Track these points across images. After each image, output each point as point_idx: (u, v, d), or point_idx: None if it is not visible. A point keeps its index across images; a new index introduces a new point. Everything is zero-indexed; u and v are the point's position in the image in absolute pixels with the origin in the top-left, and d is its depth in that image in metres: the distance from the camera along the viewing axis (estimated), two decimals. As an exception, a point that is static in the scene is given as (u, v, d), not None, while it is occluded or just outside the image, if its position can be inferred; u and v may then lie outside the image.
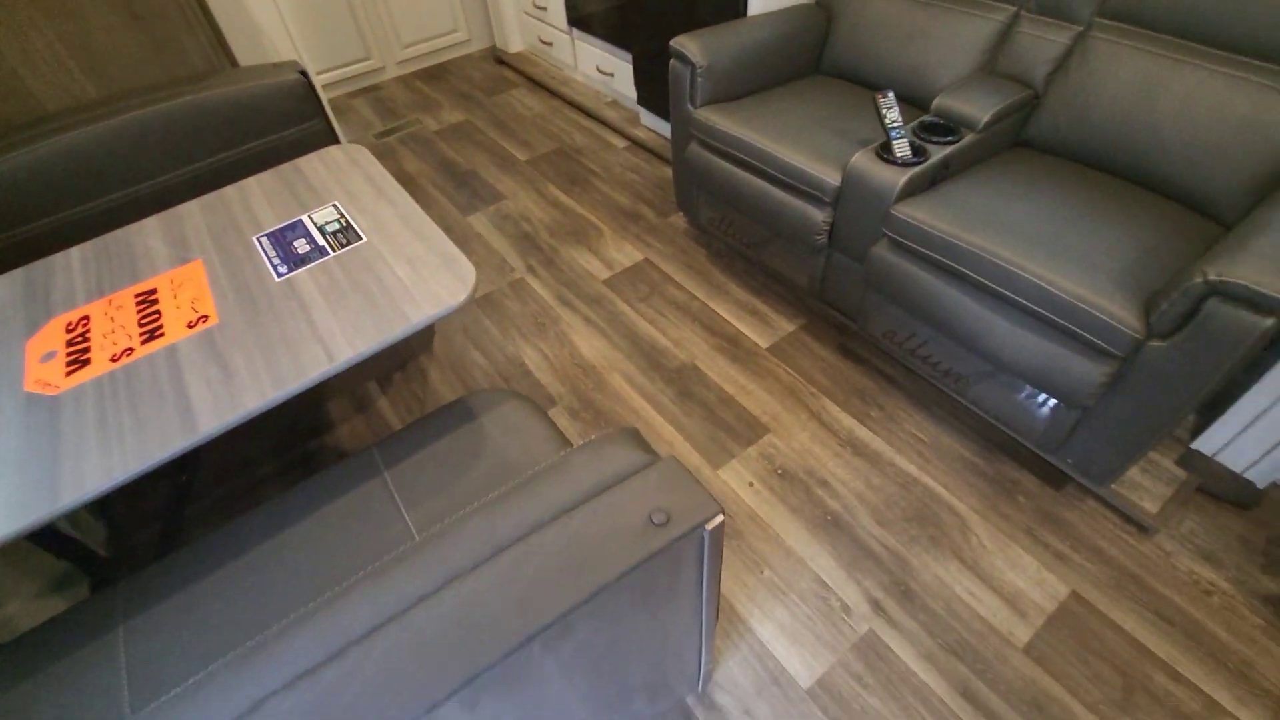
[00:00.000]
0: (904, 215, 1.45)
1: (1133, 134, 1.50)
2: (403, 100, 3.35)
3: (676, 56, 1.85)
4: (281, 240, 1.20)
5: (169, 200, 1.60)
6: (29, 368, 1.02)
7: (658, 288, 2.09)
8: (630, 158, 2.73)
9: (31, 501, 0.83)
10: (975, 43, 1.74)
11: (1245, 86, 1.36)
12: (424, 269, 1.10)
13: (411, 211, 1.24)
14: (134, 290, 1.14)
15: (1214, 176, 1.40)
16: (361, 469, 1.09)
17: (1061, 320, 1.26)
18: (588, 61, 3.11)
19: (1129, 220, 1.39)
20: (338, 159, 1.42)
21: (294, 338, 1.00)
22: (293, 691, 0.54)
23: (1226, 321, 1.07)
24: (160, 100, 1.53)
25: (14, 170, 1.42)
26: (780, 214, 1.75)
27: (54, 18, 1.49)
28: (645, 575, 0.67)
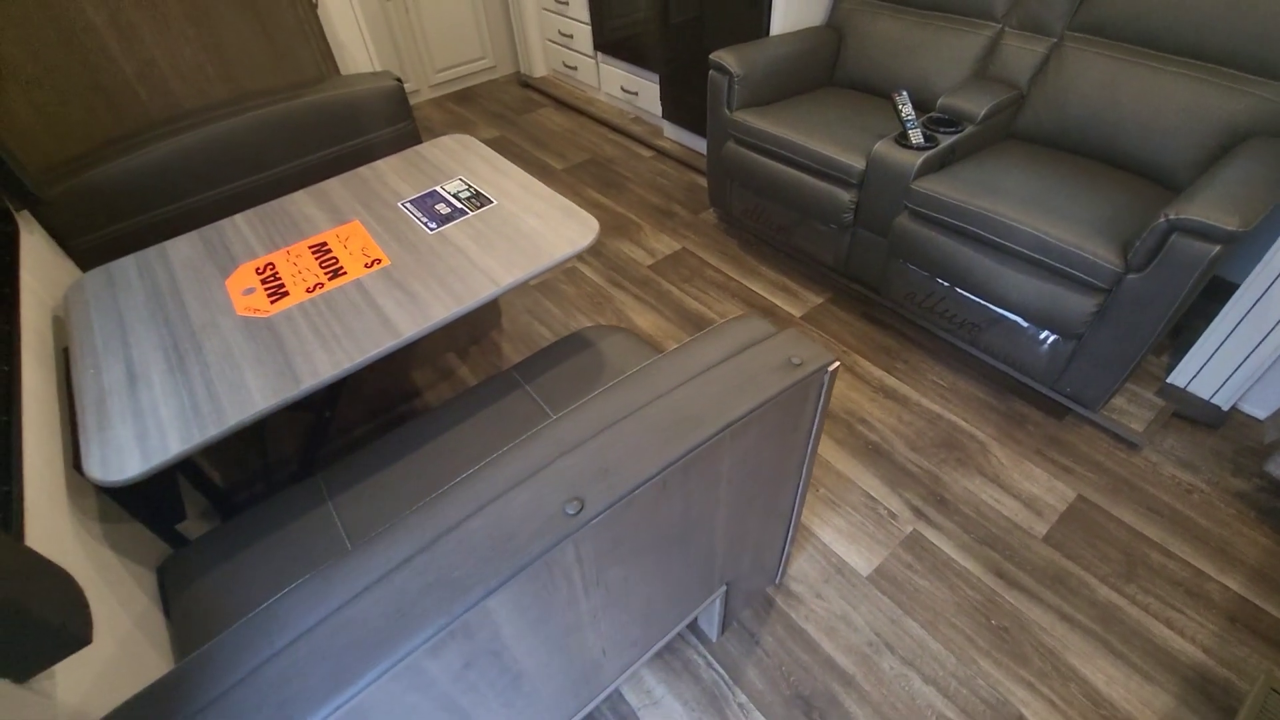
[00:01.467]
0: (923, 189, 1.74)
1: (1101, 123, 1.82)
2: (438, 119, 3.63)
3: (716, 68, 2.16)
4: (424, 204, 1.44)
5: (287, 186, 1.84)
6: (235, 299, 1.24)
7: (698, 271, 2.35)
8: (658, 165, 3.02)
9: (280, 385, 1.05)
10: (969, 53, 2.07)
11: (1187, 81, 1.69)
12: (551, 220, 1.35)
13: (528, 180, 1.49)
14: (306, 243, 1.37)
15: (1168, 153, 1.72)
16: (506, 384, 1.32)
17: (1056, 263, 1.54)
18: (612, 82, 3.43)
19: (1103, 188, 1.70)
20: (451, 145, 1.67)
21: (460, 270, 1.24)
22: (479, 516, 0.70)
23: (1185, 251, 1.36)
24: (284, 100, 1.78)
25: (162, 157, 1.66)
26: (811, 197, 2.04)
27: (200, 28, 1.74)
28: (787, 402, 0.91)
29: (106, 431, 1.00)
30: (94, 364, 1.12)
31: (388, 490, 1.15)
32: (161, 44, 1.72)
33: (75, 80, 1.66)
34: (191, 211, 1.71)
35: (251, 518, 1.14)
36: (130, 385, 1.07)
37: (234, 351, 1.12)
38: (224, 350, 1.12)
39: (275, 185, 1.83)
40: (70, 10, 1.59)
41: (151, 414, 1.02)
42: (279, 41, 1.86)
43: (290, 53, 1.89)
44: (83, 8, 1.61)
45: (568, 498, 0.73)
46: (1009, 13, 2.02)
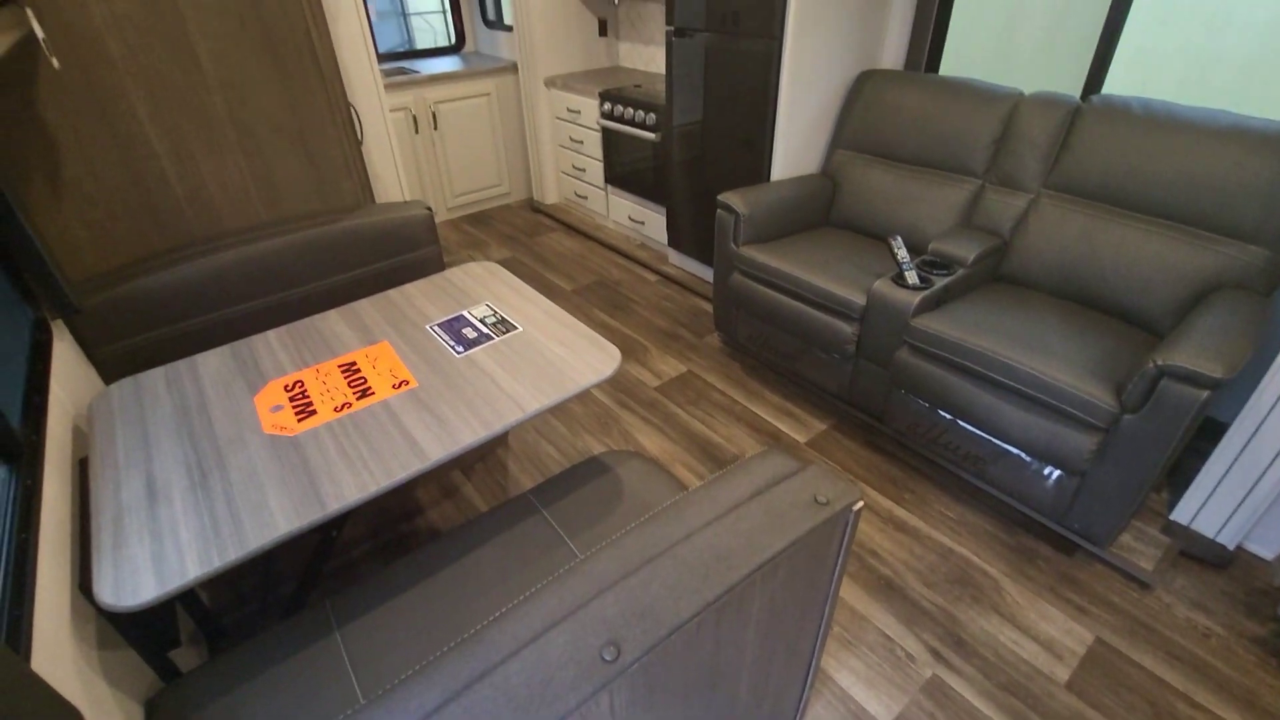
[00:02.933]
0: (922, 326, 1.84)
1: (1082, 272, 1.97)
2: (454, 239, 3.84)
3: (724, 208, 2.33)
4: (451, 328, 1.50)
5: (316, 302, 1.92)
6: (262, 416, 1.26)
7: (703, 394, 2.41)
8: (663, 289, 3.17)
9: (304, 508, 1.04)
10: (955, 203, 2.26)
11: (1157, 237, 1.85)
12: (575, 348, 1.40)
13: (552, 308, 1.57)
14: (336, 362, 1.41)
15: (1147, 301, 1.85)
16: (522, 508, 1.31)
17: (1054, 401, 1.61)
18: (620, 212, 3.67)
19: (1091, 331, 1.80)
20: (478, 272, 1.77)
21: (487, 395, 1.27)
22: (517, 659, 0.68)
23: (1176, 395, 1.43)
24: (322, 225, 1.90)
25: (199, 272, 1.74)
26: (814, 328, 2.14)
27: (251, 157, 1.88)
28: (813, 541, 0.92)
29: (122, 550, 0.98)
30: (114, 478, 1.12)
31: (401, 620, 1.11)
32: (214, 170, 1.86)
33: (129, 199, 1.77)
34: (221, 323, 1.77)
35: (251, 649, 1.09)
36: (150, 502, 1.06)
37: (259, 470, 1.12)
38: (248, 468, 1.13)
39: (305, 301, 1.91)
40: (137, 138, 1.73)
41: (170, 534, 1.00)
42: (323, 172, 2.01)
43: (332, 182, 2.04)
44: (149, 136, 1.75)
45: (604, 642, 0.72)
46: (988, 170, 2.23)
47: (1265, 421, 1.54)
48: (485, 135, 4.05)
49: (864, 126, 2.51)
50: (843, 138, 2.59)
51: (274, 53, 1.83)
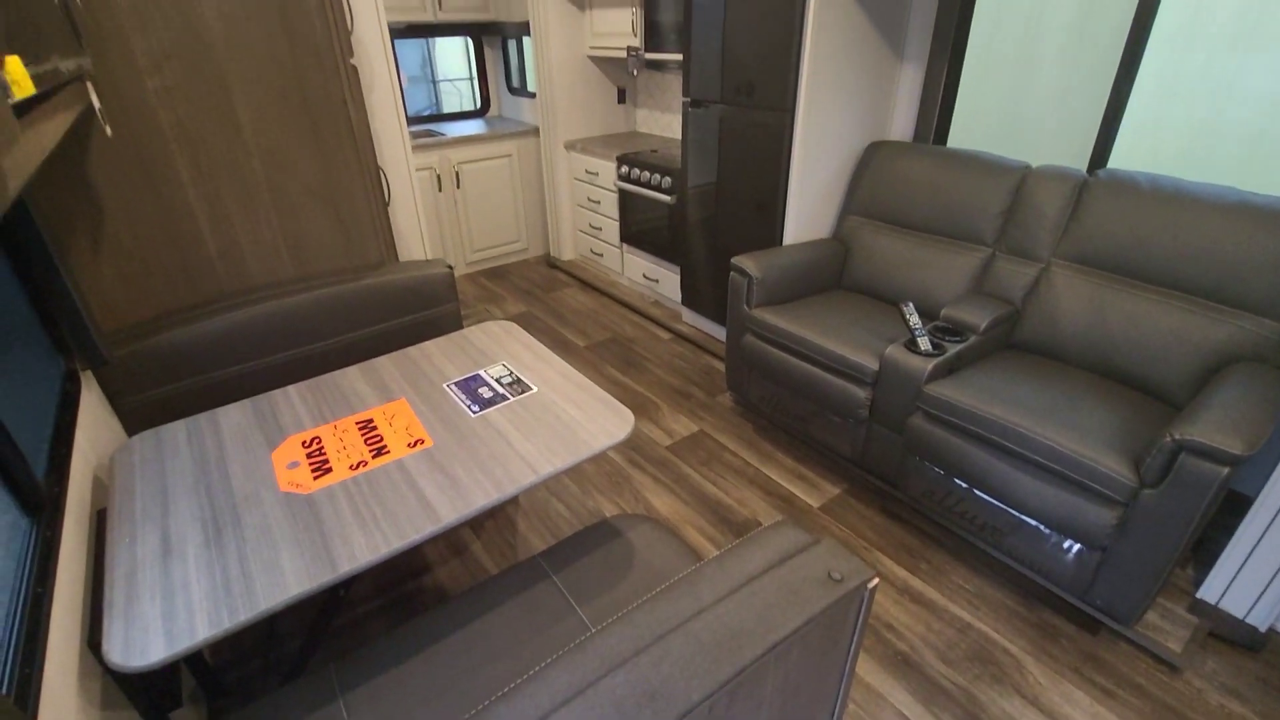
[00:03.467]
0: (934, 393, 1.84)
1: (1094, 341, 1.97)
2: (471, 293, 3.92)
3: (737, 271, 2.38)
4: (468, 387, 1.53)
5: (336, 356, 1.96)
6: (279, 473, 1.27)
7: (715, 455, 2.40)
8: (675, 347, 3.20)
9: (316, 569, 1.05)
10: (966, 270, 2.30)
11: (1170, 309, 1.86)
12: (590, 410, 1.42)
13: (567, 369, 1.59)
14: (353, 419, 1.43)
15: (1162, 371, 1.84)
16: (532, 573, 1.30)
17: (1071, 473, 1.59)
18: (635, 269, 3.74)
19: (1106, 402, 1.79)
20: (495, 331, 1.80)
21: (501, 456, 1.28)
22: None
23: (1195, 471, 1.41)
24: (347, 282, 1.96)
25: (226, 326, 1.79)
26: (827, 392, 2.14)
27: (283, 216, 1.96)
28: (828, 619, 0.90)
29: (133, 607, 0.98)
30: (130, 532, 1.13)
31: (407, 689, 1.09)
32: (247, 229, 1.94)
33: (164, 255, 1.84)
34: (244, 376, 1.81)
35: (254, 715, 1.07)
36: (164, 558, 1.07)
37: (272, 529, 1.13)
38: (263, 526, 1.13)
39: (326, 355, 1.95)
40: (178, 198, 1.81)
41: (182, 592, 1.00)
42: (350, 230, 2.09)
43: (358, 240, 2.12)
44: (189, 197, 1.83)
45: (614, 723, 0.71)
46: (998, 239, 2.27)
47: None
48: (506, 194, 4.19)
49: (874, 194, 2.58)
50: (854, 204, 2.66)
51: (312, 121, 1.93)
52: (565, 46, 3.81)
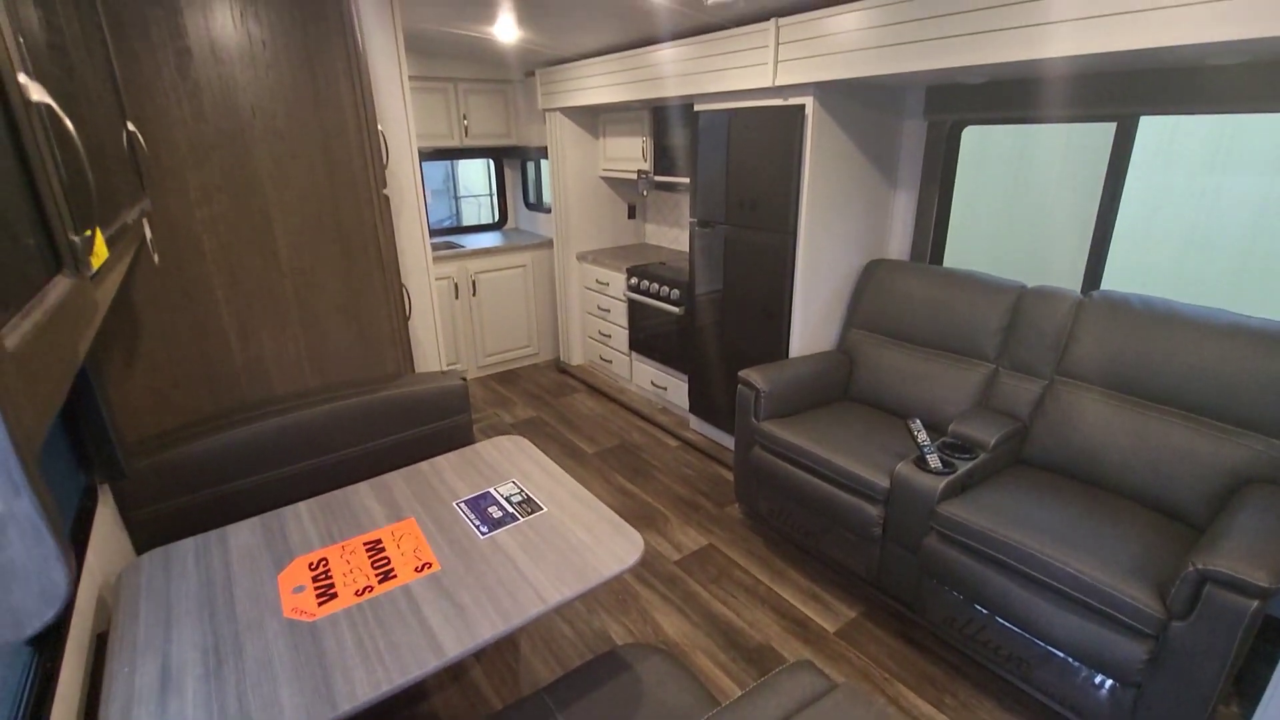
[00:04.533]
0: (948, 513, 1.82)
1: (1105, 459, 1.96)
2: (482, 396, 3.98)
3: (744, 384, 2.43)
4: (478, 506, 1.53)
5: (349, 466, 1.97)
6: (284, 598, 1.26)
7: (725, 571, 2.34)
8: (684, 455, 3.20)
9: (314, 708, 1.01)
10: (971, 385, 2.33)
11: (1177, 428, 1.86)
12: (599, 533, 1.41)
13: (577, 489, 1.59)
14: (362, 539, 1.43)
15: (1177, 491, 1.82)
16: (537, 710, 1.24)
17: (1095, 602, 1.54)
18: (643, 376, 3.81)
19: (1124, 524, 1.76)
20: (507, 446, 1.83)
21: (508, 583, 1.27)
22: None
23: (1224, 603, 1.36)
24: (365, 394, 2.01)
25: (244, 438, 1.82)
26: (838, 508, 2.12)
27: (309, 331, 2.05)
28: (850, 778, 0.86)
29: (123, 752, 0.94)
30: (130, 660, 1.11)
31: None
32: (273, 343, 2.02)
33: (193, 369, 1.91)
34: (257, 487, 1.82)
35: None
36: (162, 692, 1.04)
37: (273, 660, 1.10)
38: (264, 657, 1.11)
39: (339, 466, 1.97)
40: (212, 317, 1.90)
41: (176, 733, 0.97)
42: (370, 343, 2.17)
43: (377, 353, 2.19)
44: (222, 315, 1.93)
45: None
46: (1000, 355, 2.32)
47: (1328, 634, 1.45)
48: (519, 301, 4.36)
49: (876, 310, 2.66)
50: (857, 318, 2.74)
51: (344, 245, 2.06)
52: (580, 168, 4.09)
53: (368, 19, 2.23)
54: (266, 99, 1.86)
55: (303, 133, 1.93)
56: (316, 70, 1.91)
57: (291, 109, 1.90)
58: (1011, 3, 1.70)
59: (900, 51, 1.98)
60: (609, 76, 3.36)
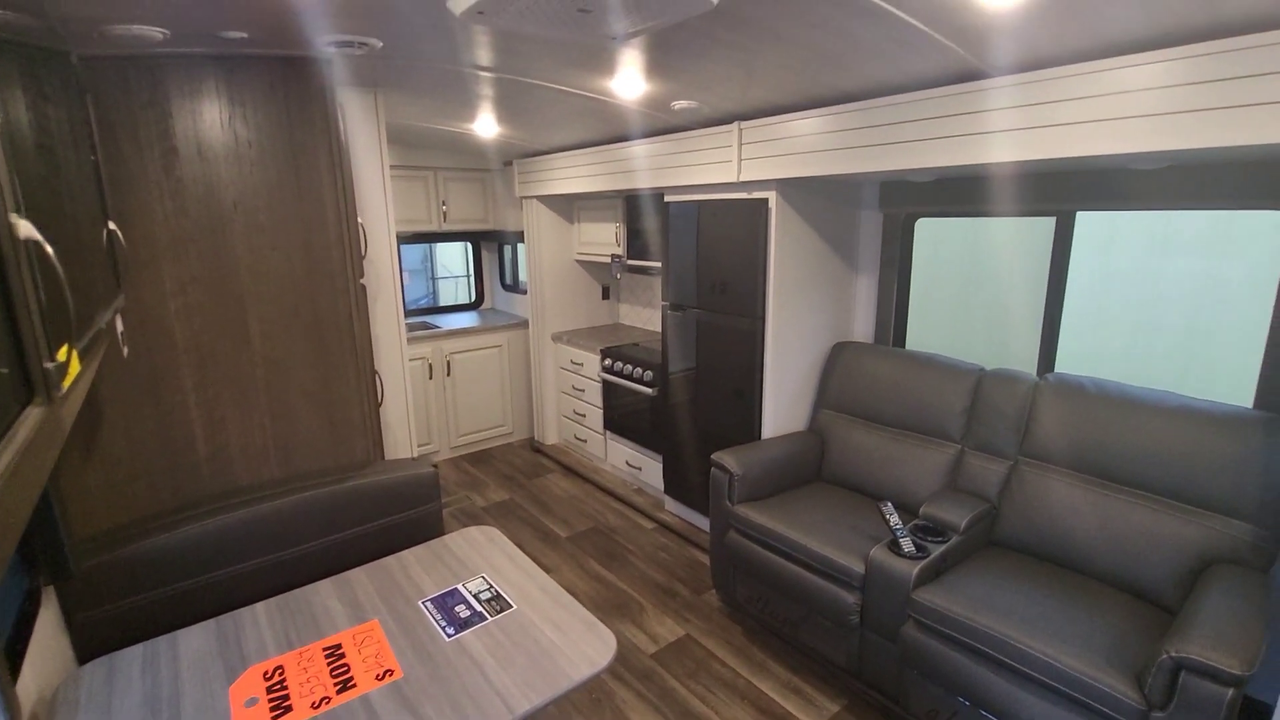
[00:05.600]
0: (925, 600, 1.80)
1: (1073, 540, 1.99)
2: (453, 478, 3.90)
3: (718, 467, 2.43)
4: (444, 605, 1.48)
5: (312, 561, 1.90)
6: (235, 712, 1.19)
7: (703, 664, 2.26)
8: (659, 538, 3.15)
9: (260, 842, 0.94)
10: (939, 465, 2.37)
11: (1139, 508, 1.91)
12: (570, 633, 1.37)
13: (548, 583, 1.56)
14: (321, 644, 1.37)
15: (1146, 572, 1.84)
16: (501, 831, 1.17)
17: (1075, 693, 1.52)
18: (618, 456, 3.79)
19: (1096, 607, 1.77)
20: (477, 538, 1.79)
21: (473, 690, 1.22)
22: None
23: (1200, 693, 1.36)
24: (331, 483, 1.97)
25: (202, 533, 1.75)
26: (815, 595, 2.09)
27: (277, 420, 2.02)
28: None
29: None
30: (57, 795, 1.02)
31: None
32: (239, 433, 1.99)
33: (153, 460, 1.86)
34: (214, 585, 1.74)
35: None
36: (90, 830, 0.96)
37: (219, 787, 1.03)
38: (208, 784, 1.03)
39: (302, 560, 1.90)
40: (178, 407, 1.87)
41: None
42: (340, 431, 2.15)
43: (347, 441, 2.17)
44: (189, 405, 1.90)
45: None
46: (965, 436, 2.37)
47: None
48: (494, 381, 4.36)
49: (844, 390, 2.73)
50: (826, 399, 2.80)
51: (318, 332, 2.07)
52: (555, 251, 4.21)
53: (352, 118, 2.34)
54: (249, 194, 1.91)
55: (283, 226, 1.98)
56: (300, 168, 1.99)
57: (273, 204, 1.95)
58: (952, 115, 1.86)
59: (852, 154, 2.14)
60: (583, 168, 3.53)
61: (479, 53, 1.95)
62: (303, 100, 1.96)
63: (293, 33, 1.69)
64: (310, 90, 1.96)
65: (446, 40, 1.80)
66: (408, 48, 1.89)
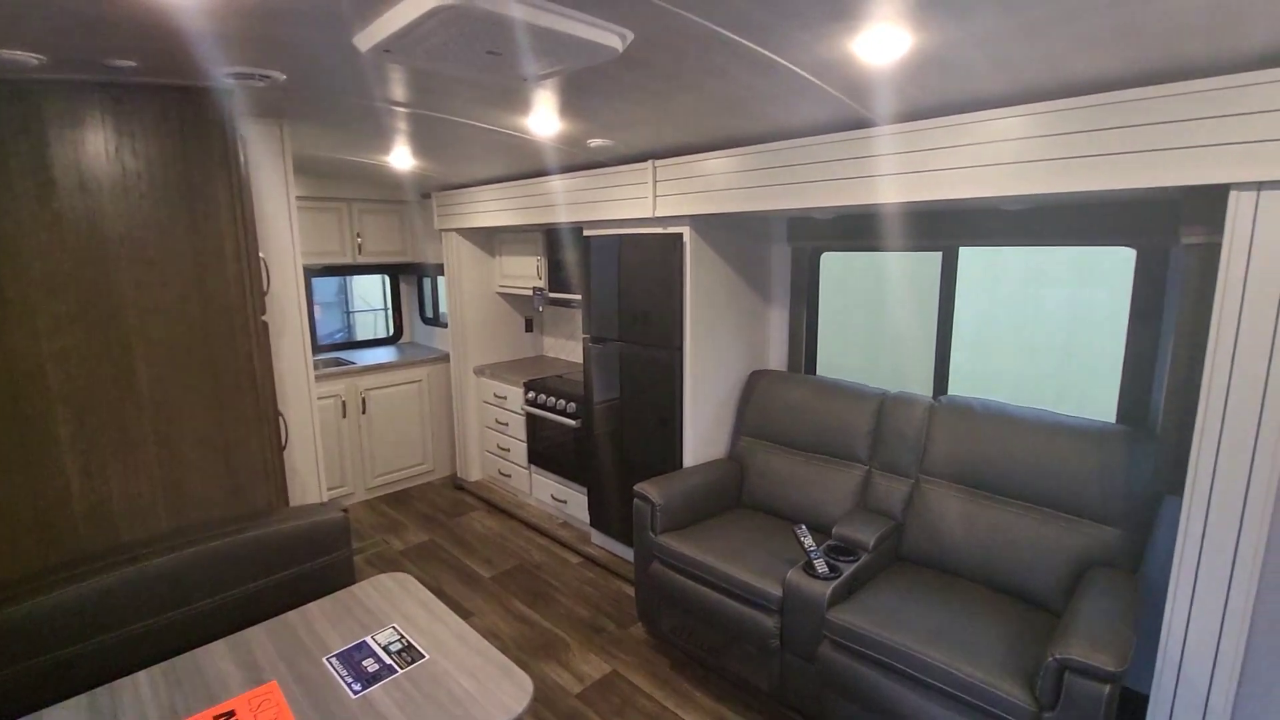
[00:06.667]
0: (838, 619, 1.87)
1: (972, 552, 2.12)
2: (369, 521, 3.72)
3: (640, 497, 2.45)
4: (351, 660, 1.41)
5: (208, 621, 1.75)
6: (106, 799, 1.08)
7: (629, 700, 2.24)
8: (585, 572, 3.11)
9: None
10: (849, 487, 2.48)
11: (1026, 519, 2.06)
12: (486, 680, 1.33)
13: (463, 630, 1.51)
14: (212, 712, 1.27)
15: (1035, 580, 1.99)
16: None
17: (975, 700, 1.61)
18: (543, 490, 3.74)
19: (994, 616, 1.89)
20: (388, 586, 1.72)
21: (382, 748, 1.16)
22: None
23: (1083, 691, 1.47)
24: (229, 534, 1.84)
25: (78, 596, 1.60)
26: (736, 620, 2.12)
27: (166, 468, 1.87)
28: None
29: None
30: None
31: None
32: (123, 483, 1.83)
33: (20, 517, 1.69)
34: (91, 654, 1.57)
35: None
36: None
37: None
38: None
39: (193, 621, 1.75)
40: (49, 457, 1.71)
41: None
42: (239, 478, 2.02)
43: (247, 488, 2.04)
44: (62, 454, 1.74)
45: None
46: (871, 457, 2.50)
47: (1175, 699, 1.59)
48: (413, 418, 4.22)
49: (761, 417, 2.82)
50: (745, 426, 2.88)
51: (214, 375, 1.96)
52: (476, 284, 4.17)
53: (256, 149, 2.26)
54: (138, 228, 1.80)
55: (175, 261, 1.87)
56: (196, 200, 1.89)
57: (165, 238, 1.85)
58: (845, 159, 2.01)
59: (758, 193, 2.26)
60: (503, 202, 3.54)
61: (392, 88, 1.94)
62: (199, 131, 1.87)
63: (187, 63, 1.62)
64: (207, 120, 1.89)
65: (356, 75, 1.78)
66: (314, 81, 1.85)
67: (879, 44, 1.37)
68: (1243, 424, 1.44)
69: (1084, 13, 1.20)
